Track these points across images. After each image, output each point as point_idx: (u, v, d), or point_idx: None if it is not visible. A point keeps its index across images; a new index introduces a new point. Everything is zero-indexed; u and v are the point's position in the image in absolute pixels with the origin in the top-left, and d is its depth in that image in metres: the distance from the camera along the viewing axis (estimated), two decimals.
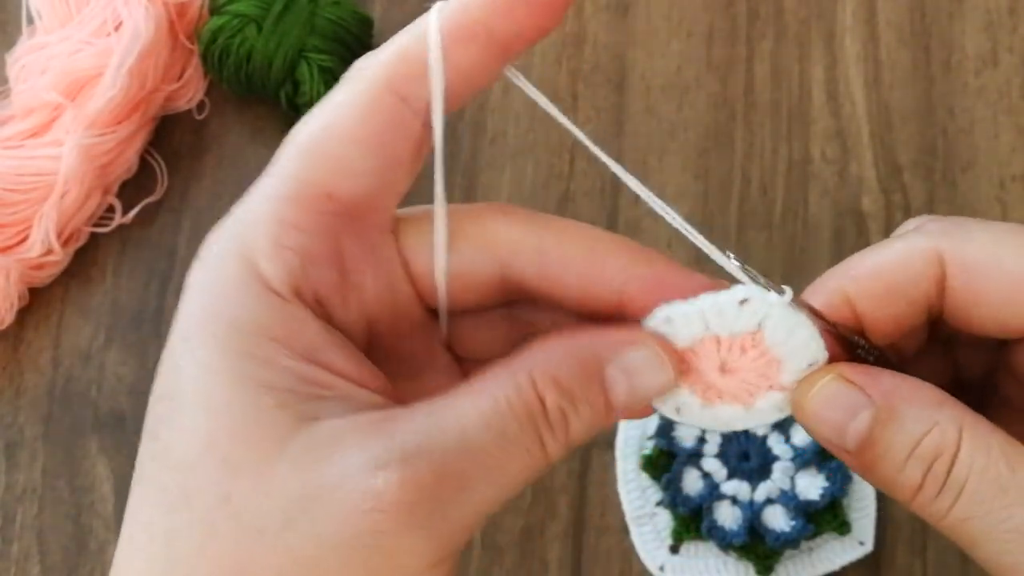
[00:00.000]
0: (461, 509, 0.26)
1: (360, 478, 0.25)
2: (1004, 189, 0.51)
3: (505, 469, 0.26)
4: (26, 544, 0.50)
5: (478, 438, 0.26)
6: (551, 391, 0.26)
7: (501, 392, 0.26)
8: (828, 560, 0.46)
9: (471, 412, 0.26)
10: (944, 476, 0.26)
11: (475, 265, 0.29)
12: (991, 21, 0.53)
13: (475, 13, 0.26)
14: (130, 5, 0.51)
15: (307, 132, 0.27)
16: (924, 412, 0.27)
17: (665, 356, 0.27)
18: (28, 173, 0.50)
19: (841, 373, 0.28)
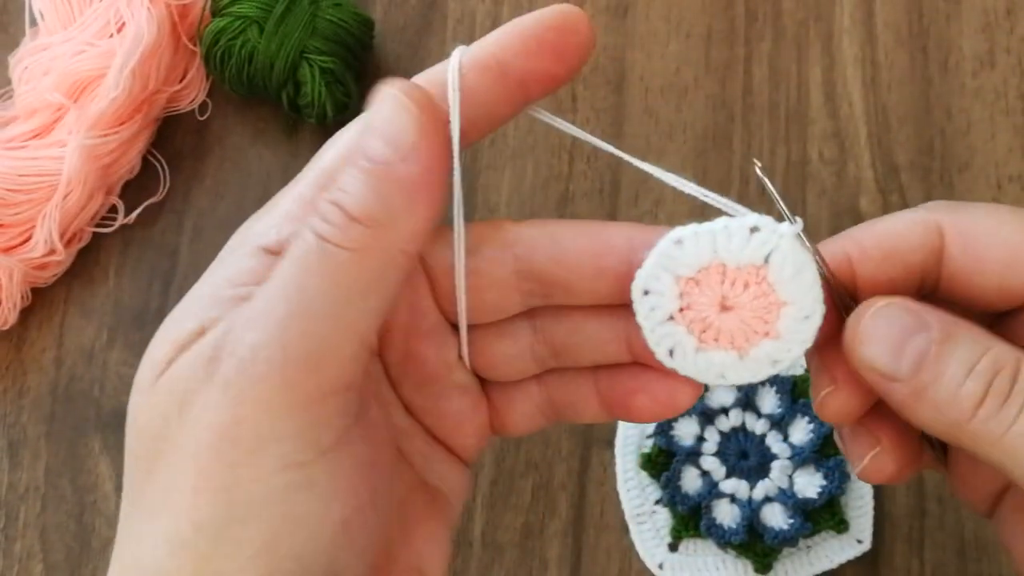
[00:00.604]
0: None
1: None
2: (1001, 190, 0.51)
3: (337, 283, 0.27)
4: (29, 543, 0.51)
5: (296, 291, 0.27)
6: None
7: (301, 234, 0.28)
8: (826, 558, 0.46)
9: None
10: (1008, 388, 0.27)
11: (493, 263, 0.30)
12: (988, 22, 0.54)
13: (491, 49, 0.29)
14: (133, 7, 0.52)
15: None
16: (981, 337, 0.27)
17: (408, 99, 0.27)
18: (31, 174, 0.51)
19: (897, 302, 0.28)
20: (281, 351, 0.26)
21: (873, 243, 0.29)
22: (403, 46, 0.56)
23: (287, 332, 0.26)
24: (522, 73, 0.29)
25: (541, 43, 0.29)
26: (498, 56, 0.29)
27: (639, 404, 0.31)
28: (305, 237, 0.27)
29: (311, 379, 0.26)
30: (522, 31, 0.29)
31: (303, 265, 0.26)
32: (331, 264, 0.26)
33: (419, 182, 0.26)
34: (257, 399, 0.26)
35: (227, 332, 0.26)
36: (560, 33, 0.29)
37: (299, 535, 0.26)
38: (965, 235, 0.29)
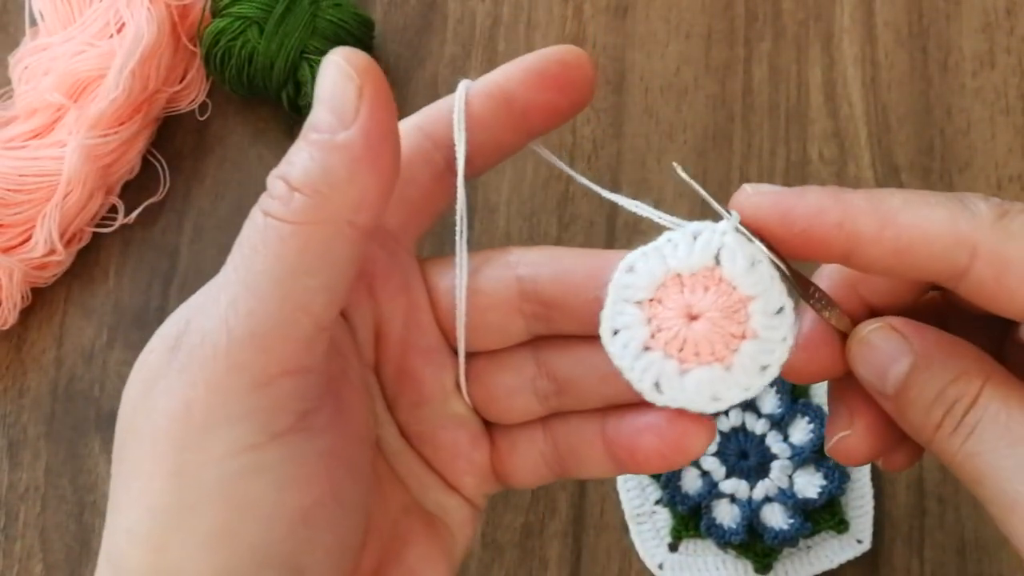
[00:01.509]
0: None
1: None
2: (1001, 189, 0.51)
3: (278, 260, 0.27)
4: (29, 543, 0.51)
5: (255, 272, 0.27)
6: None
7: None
8: (826, 558, 0.46)
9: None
10: (961, 416, 0.28)
11: (495, 283, 0.30)
12: (988, 22, 0.54)
13: (494, 79, 0.30)
14: (132, 7, 0.52)
15: None
16: (956, 362, 0.29)
17: (347, 63, 0.28)
18: (31, 174, 0.51)
19: (889, 324, 0.29)
20: (227, 333, 0.25)
21: (891, 235, 0.28)
22: (403, 46, 0.56)
23: (233, 313, 0.26)
24: (526, 103, 0.30)
25: (544, 76, 0.30)
26: (503, 86, 0.30)
27: (646, 444, 0.30)
28: (253, 217, 0.27)
29: (259, 360, 0.26)
30: (526, 65, 0.30)
31: (249, 245, 0.26)
32: (275, 240, 0.26)
33: (360, 148, 0.26)
34: (207, 381, 0.26)
35: (188, 322, 0.27)
36: (563, 67, 0.30)
37: (253, 523, 0.26)
38: (1002, 266, 0.27)
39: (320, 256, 0.26)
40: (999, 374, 0.29)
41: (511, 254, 0.31)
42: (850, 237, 0.28)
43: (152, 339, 0.28)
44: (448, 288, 0.31)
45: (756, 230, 0.29)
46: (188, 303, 0.28)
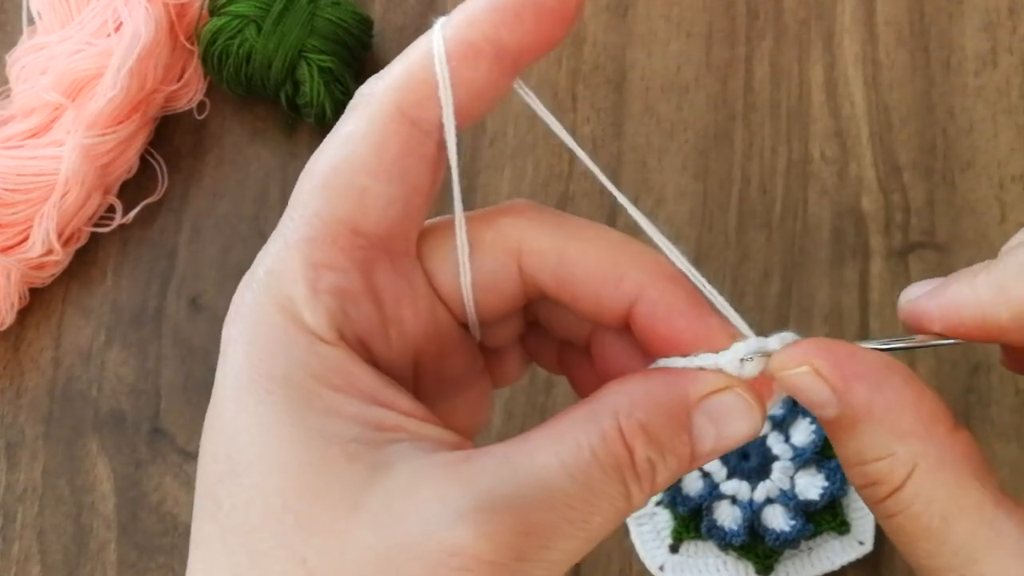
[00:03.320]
0: (544, 563, 0.24)
1: (441, 533, 0.23)
2: (1003, 189, 0.51)
3: (589, 521, 0.25)
4: (27, 544, 0.50)
5: (562, 489, 0.24)
6: (640, 441, 0.25)
7: (585, 439, 0.25)
8: (828, 559, 0.46)
9: (553, 461, 0.24)
10: (881, 499, 0.27)
11: (497, 274, 0.28)
12: (990, 21, 0.53)
13: (483, 27, 0.26)
14: (130, 6, 0.52)
15: (323, 167, 0.26)
16: (883, 439, 0.26)
17: (753, 400, 0.26)
18: (29, 173, 0.50)
19: (816, 367, 0.27)
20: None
21: (969, 320, 0.28)
22: (402, 45, 0.55)
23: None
24: (520, 49, 0.26)
25: (541, 9, 0.25)
26: (492, 36, 0.25)
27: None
28: None
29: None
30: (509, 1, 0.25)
31: None
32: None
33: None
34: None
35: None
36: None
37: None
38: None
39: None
40: (931, 460, 0.26)
41: (508, 237, 0.28)
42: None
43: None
44: (449, 283, 0.28)
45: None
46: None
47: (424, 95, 0.26)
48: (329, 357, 0.25)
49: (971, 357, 0.49)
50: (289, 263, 0.26)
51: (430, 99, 0.26)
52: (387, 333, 0.27)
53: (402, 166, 0.26)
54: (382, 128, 0.26)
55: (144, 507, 0.50)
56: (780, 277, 0.51)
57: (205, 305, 0.53)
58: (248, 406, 0.25)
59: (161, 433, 0.51)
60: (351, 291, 0.26)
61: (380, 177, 0.26)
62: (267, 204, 0.54)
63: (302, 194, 0.26)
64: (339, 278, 0.26)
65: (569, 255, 0.28)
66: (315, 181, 0.26)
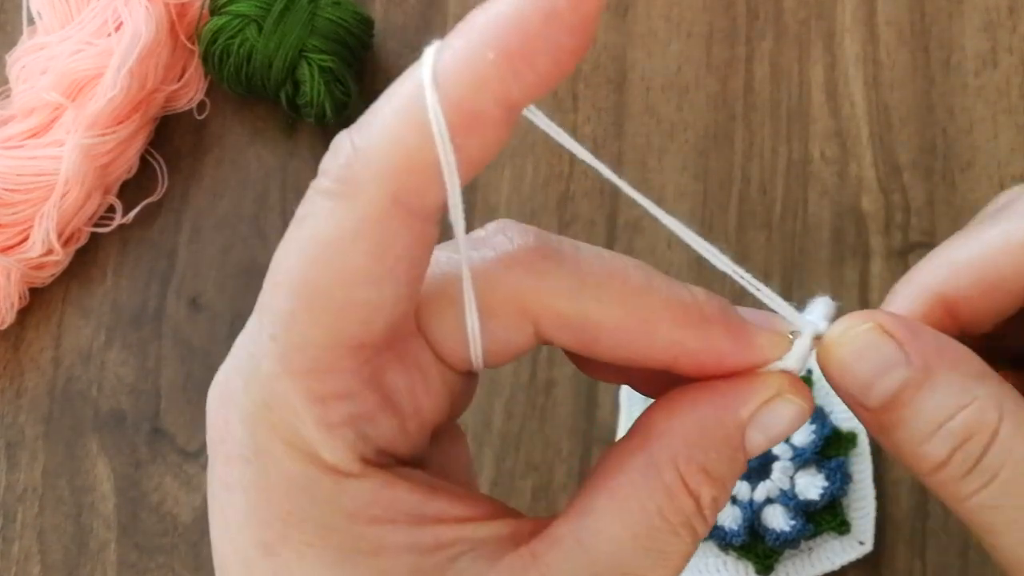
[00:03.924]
0: None
1: None
2: (1004, 189, 0.51)
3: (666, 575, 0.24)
4: (27, 544, 0.50)
5: (638, 564, 0.23)
6: (705, 487, 0.24)
7: (652, 503, 0.23)
8: (828, 560, 0.46)
9: (624, 534, 0.23)
10: (976, 458, 0.24)
11: (510, 338, 0.25)
12: (991, 21, 0.53)
13: (492, 87, 0.21)
14: (130, 5, 0.51)
15: (307, 281, 0.22)
16: (964, 383, 0.24)
17: (802, 398, 0.25)
18: (29, 173, 0.50)
19: (880, 323, 0.25)
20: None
21: (970, 277, 0.26)
22: (403, 45, 0.56)
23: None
24: (530, 95, 0.21)
25: (559, 54, 0.21)
26: (501, 95, 0.21)
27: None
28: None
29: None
30: (530, 44, 0.20)
31: None
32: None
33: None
34: None
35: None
36: (563, 31, 0.20)
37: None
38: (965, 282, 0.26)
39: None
40: (1014, 400, 0.24)
41: (525, 298, 0.24)
42: (954, 311, 0.27)
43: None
44: (457, 351, 0.25)
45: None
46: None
47: (424, 181, 0.21)
48: (361, 491, 0.23)
49: None
50: (290, 399, 0.22)
51: (432, 183, 0.21)
52: (407, 431, 0.24)
53: (405, 265, 0.22)
54: (380, 228, 0.21)
55: (144, 507, 0.50)
56: (780, 277, 0.51)
57: (205, 305, 0.53)
58: (289, 563, 0.22)
59: (161, 433, 0.51)
60: (366, 414, 0.23)
61: (383, 285, 0.22)
62: (267, 204, 0.54)
63: (283, 312, 0.22)
64: (352, 405, 0.23)
65: (592, 318, 0.24)
66: (299, 298, 0.22)
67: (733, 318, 0.25)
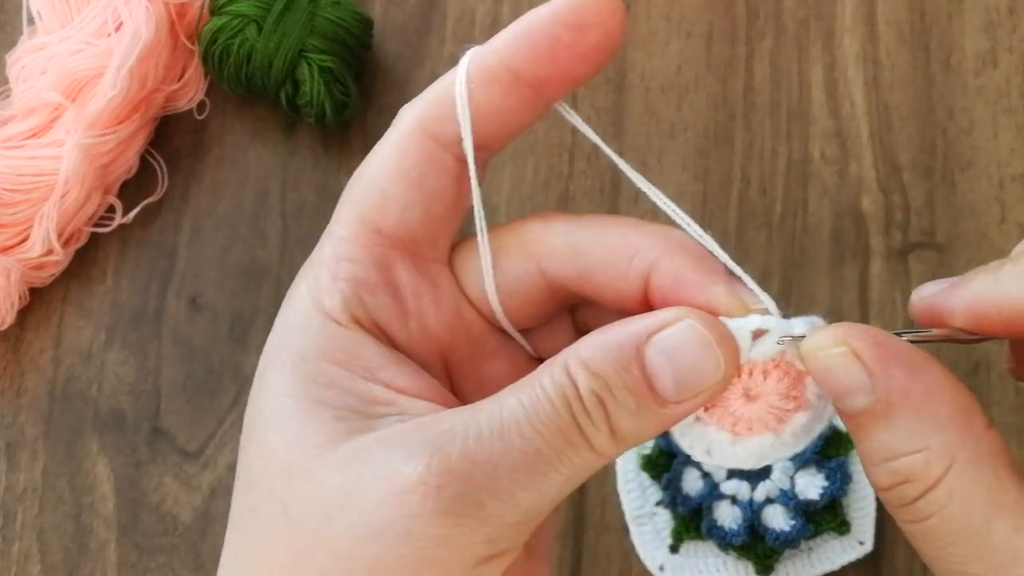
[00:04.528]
0: (499, 499, 0.25)
1: (395, 466, 0.25)
2: (1003, 189, 0.51)
3: (544, 458, 0.25)
4: (27, 544, 0.50)
5: (513, 422, 0.25)
6: (582, 375, 0.25)
7: (538, 381, 0.26)
8: (828, 559, 0.46)
9: (510, 402, 0.26)
10: (911, 500, 0.25)
11: (520, 278, 0.29)
12: (991, 21, 0.53)
13: (501, 55, 0.27)
14: (130, 6, 0.51)
15: (357, 175, 0.29)
16: (920, 429, 0.25)
17: (710, 333, 0.26)
18: (29, 173, 0.50)
19: (855, 348, 0.26)
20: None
21: (998, 318, 0.27)
22: (402, 45, 0.56)
23: None
24: (536, 80, 0.27)
25: (556, 45, 0.27)
26: (508, 64, 0.27)
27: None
28: None
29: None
30: (534, 32, 0.27)
31: None
32: None
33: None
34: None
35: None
36: (579, 32, 0.27)
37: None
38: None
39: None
40: (969, 454, 0.25)
41: (530, 242, 0.29)
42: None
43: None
44: (479, 291, 0.30)
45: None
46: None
47: (442, 112, 0.28)
48: (338, 336, 0.28)
49: (972, 356, 0.49)
50: (323, 257, 0.29)
51: (448, 116, 0.28)
52: (407, 323, 0.29)
53: (419, 174, 0.28)
54: (403, 140, 0.28)
55: (144, 507, 0.50)
56: (780, 277, 0.51)
57: (205, 305, 0.53)
58: (268, 378, 0.28)
59: (161, 433, 0.51)
60: (367, 281, 0.28)
61: (399, 183, 0.28)
62: (267, 204, 0.54)
63: (343, 198, 0.29)
64: (356, 269, 0.28)
65: (582, 245, 0.29)
66: (350, 187, 0.29)
67: (710, 262, 0.28)
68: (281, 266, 0.53)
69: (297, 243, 0.53)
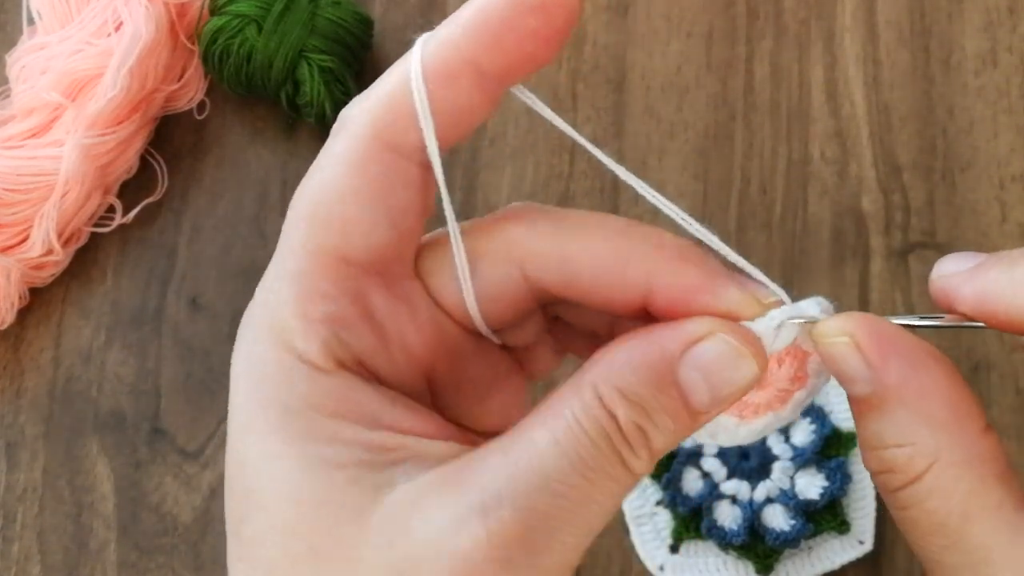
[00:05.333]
0: (555, 551, 0.24)
1: (446, 541, 0.23)
2: (1003, 189, 0.51)
3: (592, 498, 0.24)
4: (27, 544, 0.50)
5: (557, 471, 0.24)
6: (620, 405, 0.24)
7: (570, 412, 0.24)
8: (828, 559, 0.46)
9: (544, 442, 0.24)
10: (896, 488, 0.26)
11: (501, 283, 0.27)
12: (991, 21, 0.53)
13: (461, 50, 0.25)
14: (130, 5, 0.51)
15: (307, 197, 0.26)
16: (909, 424, 0.26)
17: (742, 344, 0.25)
18: (29, 173, 0.50)
19: (857, 340, 0.26)
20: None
21: (1006, 312, 0.26)
22: (402, 45, 0.55)
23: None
24: (501, 70, 0.25)
25: (522, 33, 0.25)
26: (470, 58, 0.25)
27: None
28: None
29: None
30: (496, 21, 0.24)
31: None
32: None
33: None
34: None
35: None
36: (545, 15, 0.24)
37: None
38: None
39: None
40: (954, 455, 0.25)
41: (511, 243, 0.27)
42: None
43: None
44: (454, 299, 0.27)
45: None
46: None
47: (400, 118, 0.25)
48: (326, 385, 0.25)
49: (972, 356, 0.49)
50: (282, 295, 0.26)
51: (407, 122, 0.25)
52: (390, 353, 0.27)
53: (383, 191, 0.26)
54: (360, 155, 0.26)
55: (144, 507, 0.50)
56: (780, 277, 0.50)
57: (205, 305, 0.53)
58: (255, 440, 0.25)
59: (161, 433, 0.51)
60: (344, 318, 0.26)
61: (361, 204, 0.26)
62: (267, 204, 0.54)
63: (289, 225, 0.26)
64: (330, 306, 0.26)
65: (570, 253, 0.27)
66: (299, 211, 0.26)
67: (711, 263, 0.27)
68: None
69: None
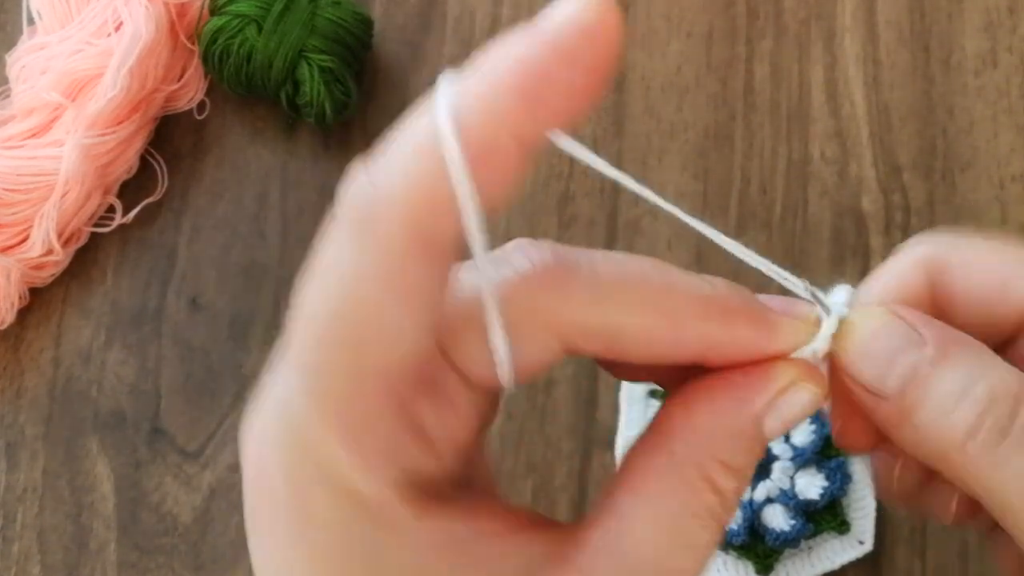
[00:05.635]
0: None
1: None
2: (1003, 189, 0.51)
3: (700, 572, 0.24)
4: (26, 544, 0.50)
5: (675, 560, 0.24)
6: (727, 480, 0.24)
7: (676, 500, 0.24)
8: (828, 559, 0.46)
9: (658, 536, 0.24)
10: (1007, 422, 0.24)
11: (538, 356, 0.24)
12: (991, 21, 0.53)
13: (507, 122, 0.20)
14: (130, 5, 0.51)
15: (329, 314, 0.22)
16: (981, 358, 0.25)
17: (817, 384, 0.25)
18: (29, 173, 0.50)
19: (894, 309, 0.26)
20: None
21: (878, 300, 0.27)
22: (403, 45, 0.56)
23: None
24: (542, 130, 0.21)
25: (570, 92, 0.21)
26: (517, 131, 0.21)
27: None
28: None
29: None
30: (539, 82, 0.20)
31: None
32: None
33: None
34: None
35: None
36: (592, 71, 0.21)
37: None
38: (948, 271, 0.27)
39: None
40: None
41: (548, 312, 0.24)
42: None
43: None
44: (487, 375, 0.24)
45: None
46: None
47: (442, 217, 0.21)
48: (418, 536, 0.23)
49: None
50: (324, 436, 0.22)
51: (448, 216, 0.21)
52: (441, 458, 0.24)
53: (423, 295, 0.22)
54: (399, 264, 0.21)
55: (144, 507, 0.50)
56: None
57: (205, 305, 0.53)
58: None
59: (161, 433, 0.51)
60: (400, 446, 0.23)
61: (404, 317, 0.22)
62: (267, 204, 0.54)
63: (309, 349, 0.22)
64: (384, 438, 0.22)
65: (617, 325, 0.24)
66: (324, 334, 0.22)
67: (756, 308, 0.25)
68: (281, 266, 0.53)
69: (297, 243, 0.53)
